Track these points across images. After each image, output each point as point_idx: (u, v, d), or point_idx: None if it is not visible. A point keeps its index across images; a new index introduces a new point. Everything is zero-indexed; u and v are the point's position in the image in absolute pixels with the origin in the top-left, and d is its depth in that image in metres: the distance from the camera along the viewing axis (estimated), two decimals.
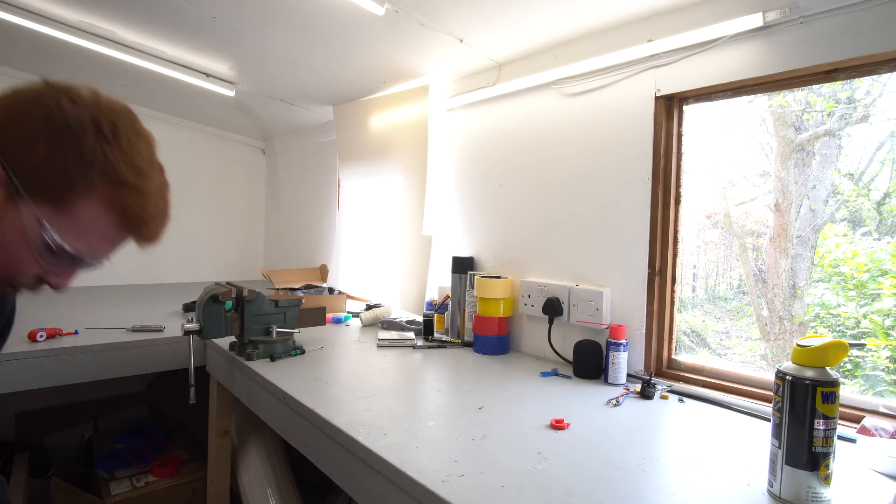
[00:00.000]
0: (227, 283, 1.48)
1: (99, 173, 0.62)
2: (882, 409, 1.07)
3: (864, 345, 0.87)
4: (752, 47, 1.20)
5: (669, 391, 1.30)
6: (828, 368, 0.77)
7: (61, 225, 0.63)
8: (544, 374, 1.44)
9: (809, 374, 0.76)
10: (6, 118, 0.61)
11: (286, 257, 3.40)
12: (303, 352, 1.56)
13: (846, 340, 0.77)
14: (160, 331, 1.79)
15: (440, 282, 2.08)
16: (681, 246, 1.42)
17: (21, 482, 1.83)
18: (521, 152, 1.76)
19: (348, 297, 2.59)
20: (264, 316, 1.52)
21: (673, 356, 1.42)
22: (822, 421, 0.75)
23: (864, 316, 1.43)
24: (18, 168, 0.60)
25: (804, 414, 0.75)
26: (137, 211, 0.66)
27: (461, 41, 1.67)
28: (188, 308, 2.18)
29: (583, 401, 1.22)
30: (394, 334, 1.82)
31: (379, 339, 1.74)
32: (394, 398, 1.19)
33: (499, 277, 1.70)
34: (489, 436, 0.98)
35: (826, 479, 0.76)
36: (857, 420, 1.04)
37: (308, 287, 2.53)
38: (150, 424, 2.42)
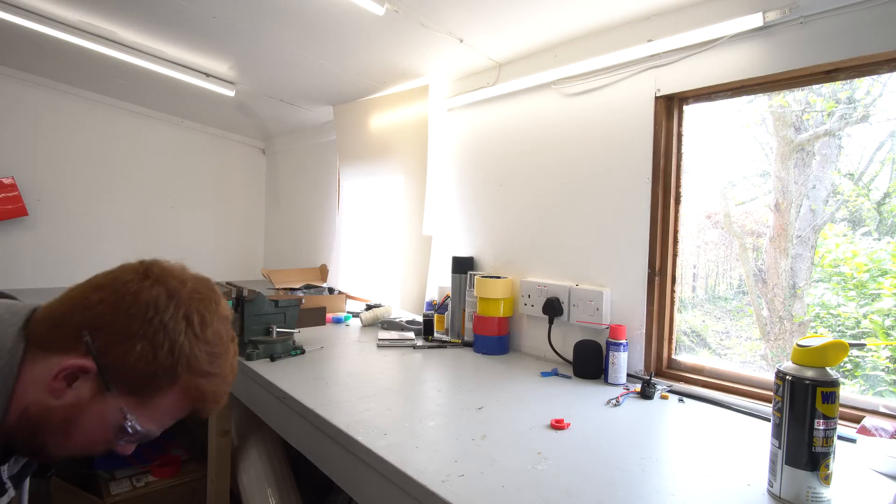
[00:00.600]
0: (227, 283, 1.48)
1: (184, 368, 0.66)
2: (882, 409, 1.07)
3: (864, 345, 0.87)
4: (752, 47, 1.20)
5: (669, 391, 1.30)
6: (828, 368, 0.77)
7: (141, 414, 0.66)
8: (544, 374, 1.44)
9: (809, 374, 0.76)
10: (108, 315, 0.63)
11: (286, 257, 3.40)
12: (303, 352, 1.56)
13: (846, 340, 0.77)
14: None
15: (440, 282, 2.08)
16: (681, 246, 1.42)
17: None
18: (522, 152, 1.76)
19: (348, 297, 2.59)
20: (264, 316, 1.52)
21: (673, 356, 1.42)
22: (822, 421, 0.75)
23: (864, 316, 1.43)
24: (113, 365, 0.63)
25: (804, 414, 0.75)
26: (212, 395, 0.70)
27: (461, 41, 1.67)
28: None
29: (583, 401, 1.22)
30: (394, 334, 1.82)
31: (379, 339, 1.74)
32: (394, 398, 1.18)
33: (499, 277, 1.70)
34: (489, 436, 0.98)
35: (826, 479, 0.76)
36: (857, 420, 1.04)
37: (308, 287, 2.53)
38: None
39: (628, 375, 1.40)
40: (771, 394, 0.92)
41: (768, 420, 0.89)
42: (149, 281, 0.66)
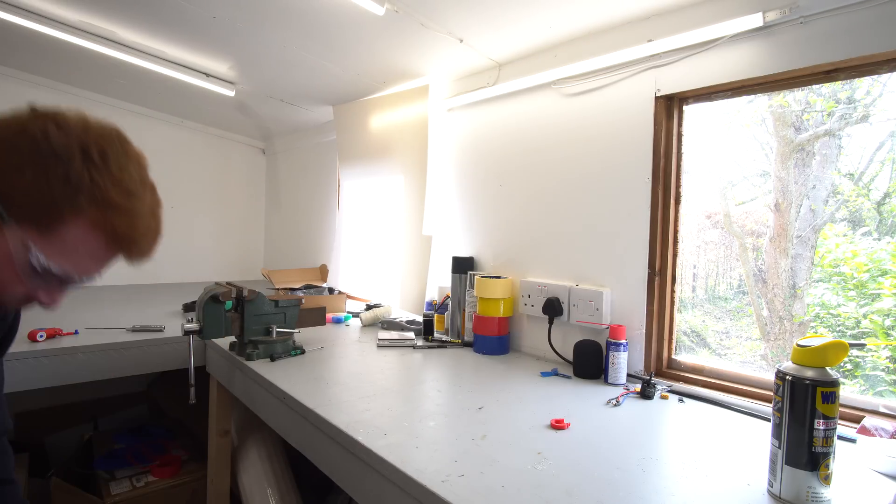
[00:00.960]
0: (227, 283, 1.48)
1: (87, 197, 0.63)
2: (882, 409, 1.07)
3: (864, 345, 0.87)
4: (752, 47, 1.20)
5: (669, 391, 1.30)
6: (828, 368, 0.77)
7: (47, 247, 0.64)
8: (544, 374, 1.44)
9: (809, 374, 0.76)
10: None
11: (286, 257, 3.40)
12: (303, 352, 1.56)
13: (846, 340, 0.77)
14: (160, 331, 1.79)
15: (440, 282, 2.08)
16: (681, 246, 1.42)
17: (21, 482, 1.83)
18: (522, 152, 1.76)
19: (348, 297, 2.59)
20: (264, 316, 1.52)
21: (673, 356, 1.42)
22: (822, 421, 0.75)
23: (864, 316, 1.43)
24: (4, 194, 0.61)
25: (804, 414, 0.75)
26: (127, 231, 0.67)
27: (461, 41, 1.67)
28: (188, 308, 2.18)
29: (583, 401, 1.22)
30: (394, 334, 1.82)
31: (379, 339, 1.74)
32: (394, 398, 1.18)
33: (499, 277, 1.70)
34: (489, 436, 0.98)
35: (826, 479, 0.76)
36: (857, 420, 1.04)
37: (308, 287, 2.53)
38: (150, 424, 2.42)
39: (628, 375, 1.40)
40: (771, 394, 0.92)
41: (768, 420, 0.89)
42: (38, 117, 0.65)
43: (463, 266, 1.84)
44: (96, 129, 0.68)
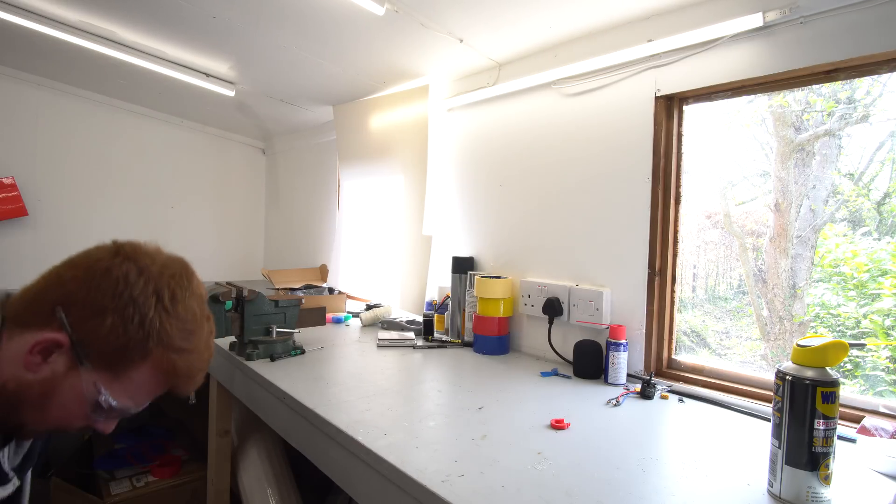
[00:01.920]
0: (227, 283, 1.48)
1: (155, 342, 0.67)
2: (882, 409, 1.07)
3: (864, 345, 0.87)
4: (752, 47, 1.20)
5: (669, 391, 1.30)
6: (828, 368, 0.77)
7: (115, 388, 0.68)
8: (544, 374, 1.44)
9: (809, 374, 0.76)
10: (80, 291, 0.65)
11: (286, 257, 3.40)
12: (303, 352, 1.56)
13: (846, 340, 0.77)
14: None
15: (440, 282, 2.08)
16: (681, 246, 1.42)
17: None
18: (522, 152, 1.76)
19: (348, 297, 2.59)
20: (264, 316, 1.52)
21: (673, 356, 1.42)
22: (822, 421, 0.75)
23: (864, 316, 1.43)
24: (85, 338, 0.65)
25: (804, 414, 0.75)
26: (185, 371, 0.72)
27: (461, 41, 1.67)
28: None
29: (583, 401, 1.22)
30: (394, 334, 1.82)
31: (379, 339, 1.74)
32: (394, 398, 1.18)
33: (499, 277, 1.70)
34: (489, 436, 0.98)
35: (826, 479, 0.76)
36: (857, 420, 1.04)
37: (308, 287, 2.53)
38: (150, 424, 2.42)
39: (628, 375, 1.40)
40: (771, 394, 0.92)
41: (768, 420, 0.89)
42: (119, 258, 0.68)
43: (463, 266, 1.84)
44: (170, 270, 0.71)
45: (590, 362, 1.42)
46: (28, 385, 0.65)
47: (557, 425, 1.03)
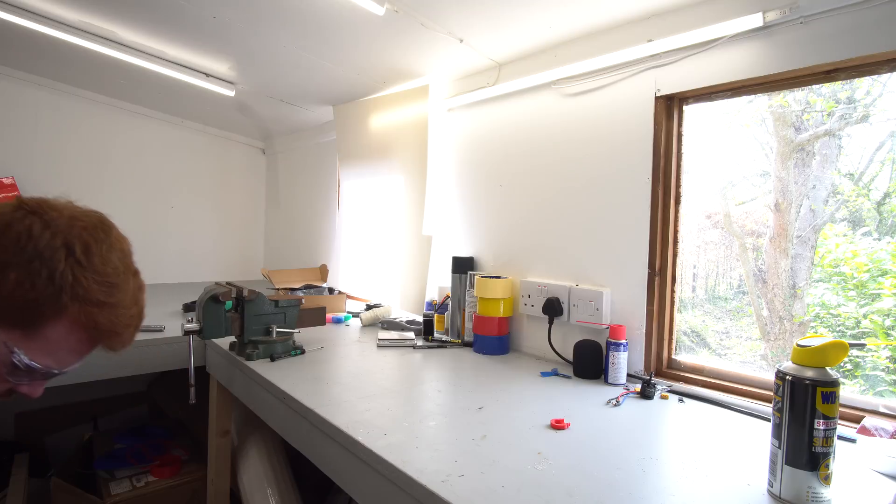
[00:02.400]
0: (227, 283, 1.48)
1: (69, 296, 0.63)
2: (882, 409, 1.07)
3: (864, 345, 0.87)
4: (752, 47, 1.20)
5: (669, 391, 1.30)
6: (828, 368, 0.77)
7: (30, 347, 0.64)
8: (544, 374, 1.44)
9: (809, 374, 0.76)
10: None
11: (286, 257, 3.40)
12: (303, 352, 1.56)
13: (846, 340, 0.77)
14: (160, 331, 1.79)
15: (440, 282, 2.08)
16: (681, 246, 1.42)
17: (21, 482, 1.83)
18: (521, 152, 1.76)
19: (348, 297, 2.59)
20: (264, 316, 1.52)
21: (673, 356, 1.42)
22: (822, 421, 0.75)
23: (864, 316, 1.43)
24: None
25: (804, 414, 0.75)
26: (109, 325, 0.68)
27: (461, 41, 1.67)
28: (188, 308, 2.18)
29: (583, 401, 1.22)
30: (394, 334, 1.82)
31: (379, 339, 1.74)
32: (394, 398, 1.18)
33: (499, 277, 1.70)
34: (489, 436, 0.98)
35: (826, 479, 0.76)
36: (857, 420, 1.04)
37: (308, 287, 2.53)
38: (150, 424, 2.42)
39: (628, 375, 1.40)
40: (771, 394, 0.92)
41: (768, 420, 0.89)
42: (21, 212, 0.64)
43: (463, 266, 1.84)
44: (81, 222, 0.67)
45: (590, 362, 1.42)
46: None
47: (557, 425, 1.03)
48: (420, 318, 1.96)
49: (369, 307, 2.12)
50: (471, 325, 1.74)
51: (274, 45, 1.92)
